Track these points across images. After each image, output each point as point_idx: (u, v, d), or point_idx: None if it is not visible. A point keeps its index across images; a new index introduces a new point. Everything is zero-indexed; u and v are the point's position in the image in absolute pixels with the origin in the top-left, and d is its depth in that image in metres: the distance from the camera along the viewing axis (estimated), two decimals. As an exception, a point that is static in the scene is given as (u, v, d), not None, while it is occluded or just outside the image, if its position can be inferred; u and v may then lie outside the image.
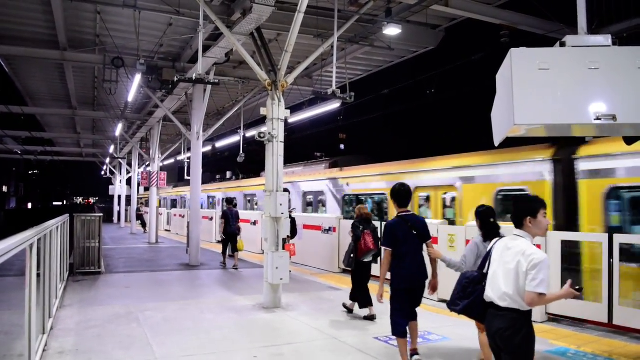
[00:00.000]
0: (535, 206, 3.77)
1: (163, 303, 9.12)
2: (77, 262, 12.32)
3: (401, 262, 5.75)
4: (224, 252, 14.63)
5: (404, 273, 5.74)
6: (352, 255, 8.25)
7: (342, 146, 51.03)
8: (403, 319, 5.75)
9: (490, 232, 5.57)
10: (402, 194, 5.98)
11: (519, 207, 3.84)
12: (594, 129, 5.55)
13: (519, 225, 3.76)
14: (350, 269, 8.45)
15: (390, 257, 5.77)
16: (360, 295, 8.22)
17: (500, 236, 4.43)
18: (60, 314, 8.05)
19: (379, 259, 7.94)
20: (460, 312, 4.08)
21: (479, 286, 3.93)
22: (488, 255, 3.98)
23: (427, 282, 5.96)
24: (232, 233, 14.28)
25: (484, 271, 3.94)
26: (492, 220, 5.71)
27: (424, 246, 5.89)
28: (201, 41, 9.79)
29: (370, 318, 7.97)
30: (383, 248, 5.93)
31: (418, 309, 6.09)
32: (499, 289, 3.68)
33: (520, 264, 3.55)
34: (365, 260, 8.07)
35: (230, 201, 15.25)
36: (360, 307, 8.26)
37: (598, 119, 4.93)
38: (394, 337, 5.95)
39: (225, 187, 28.62)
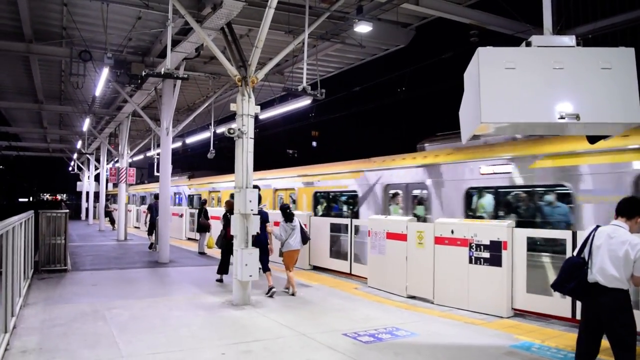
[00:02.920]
0: None
1: (130, 301, 8.98)
2: (42, 259, 12.05)
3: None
4: (150, 234, 17.96)
5: (255, 242, 9.17)
6: (222, 238, 11.35)
7: (314, 143, 50.94)
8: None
9: (287, 217, 9.91)
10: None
11: (638, 205, 4.61)
12: (558, 127, 5.65)
13: (629, 217, 4.53)
14: (220, 248, 11.51)
15: None
16: (224, 265, 11.22)
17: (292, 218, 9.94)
18: (24, 313, 7.87)
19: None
20: (568, 292, 4.76)
21: (582, 270, 4.54)
22: (587, 242, 4.60)
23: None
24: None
25: (582, 256, 4.59)
26: (288, 210, 9.99)
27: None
28: (170, 35, 9.66)
29: (221, 280, 11.17)
30: None
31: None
32: (607, 274, 4.38)
33: (628, 253, 4.30)
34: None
35: (157, 196, 16.78)
36: (218, 272, 11.30)
37: (562, 117, 5.03)
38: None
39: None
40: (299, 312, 8.32)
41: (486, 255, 8.27)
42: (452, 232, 8.81)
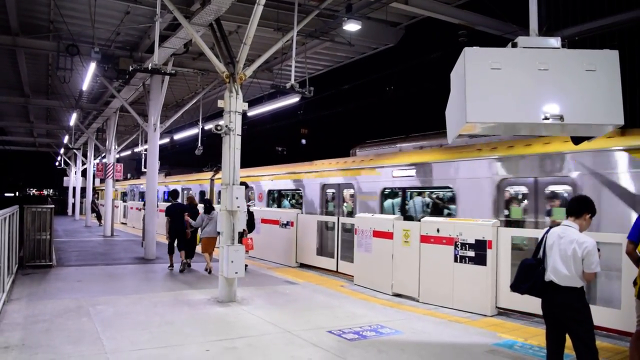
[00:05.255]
0: (595, 209, 4.80)
1: (115, 297, 8.95)
2: (27, 255, 11.95)
3: (172, 224, 12.21)
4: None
5: (173, 228, 12.26)
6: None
7: (303, 141, 50.91)
8: (172, 251, 12.49)
9: (207, 210, 11.99)
10: (174, 194, 12.91)
11: (585, 203, 4.79)
12: (542, 128, 5.69)
13: (577, 216, 4.72)
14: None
15: (169, 222, 12.22)
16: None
17: (211, 211, 12.03)
18: (7, 308, 7.81)
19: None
20: (524, 292, 4.89)
21: (536, 270, 4.76)
22: (541, 242, 4.82)
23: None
24: None
25: (538, 256, 4.80)
26: (208, 204, 12.21)
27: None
28: (157, 31, 9.58)
29: (185, 264, 12.40)
30: (166, 217, 12.31)
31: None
32: (560, 273, 4.59)
33: (576, 252, 4.50)
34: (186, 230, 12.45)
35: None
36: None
37: (546, 118, 5.06)
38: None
39: None
40: (284, 309, 8.33)
41: (471, 254, 8.32)
42: (438, 230, 8.85)
